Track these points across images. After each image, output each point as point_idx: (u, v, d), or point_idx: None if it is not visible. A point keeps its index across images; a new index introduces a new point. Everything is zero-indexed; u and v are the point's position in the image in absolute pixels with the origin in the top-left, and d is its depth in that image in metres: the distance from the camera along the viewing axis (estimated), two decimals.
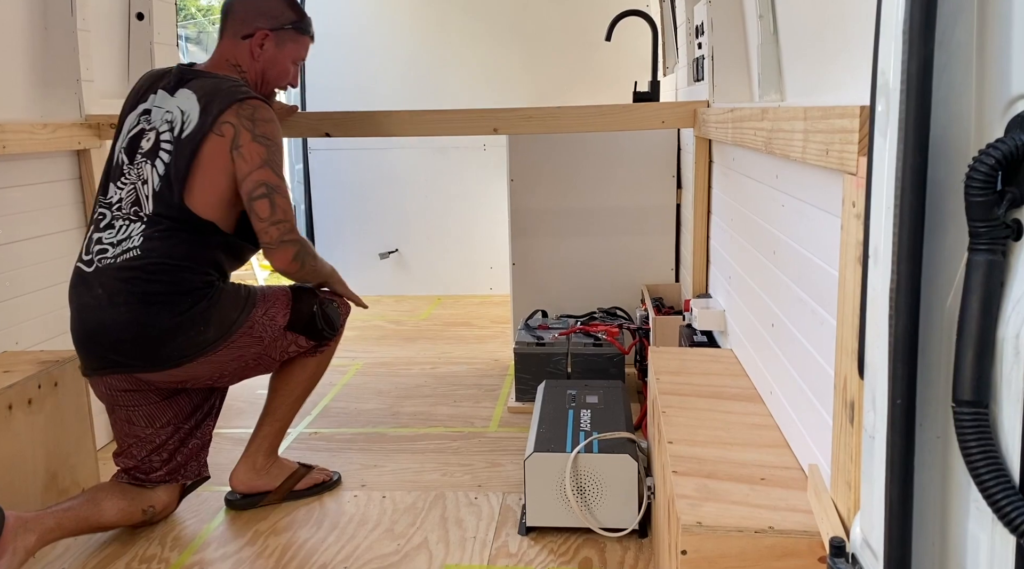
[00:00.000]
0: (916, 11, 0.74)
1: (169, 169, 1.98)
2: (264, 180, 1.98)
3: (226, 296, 2.04)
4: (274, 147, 2.03)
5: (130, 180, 2.02)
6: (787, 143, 1.39)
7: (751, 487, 1.40)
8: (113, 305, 1.92)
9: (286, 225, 2.01)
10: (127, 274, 1.93)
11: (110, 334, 1.93)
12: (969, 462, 0.73)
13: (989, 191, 0.72)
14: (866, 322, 0.89)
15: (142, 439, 2.07)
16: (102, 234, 2.00)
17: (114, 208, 2.02)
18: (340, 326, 2.29)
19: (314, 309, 2.18)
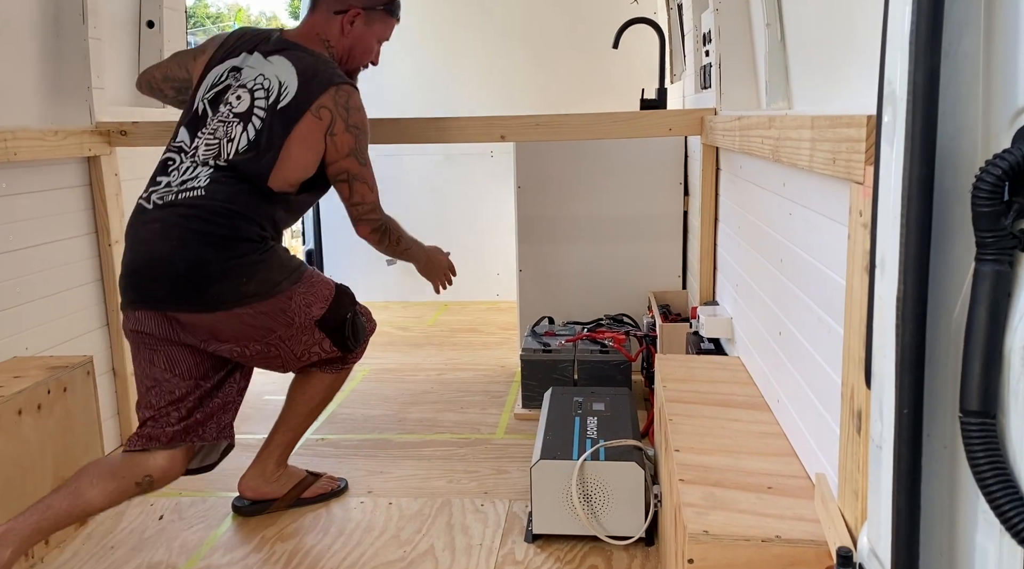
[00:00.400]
0: (922, 22, 0.74)
1: (260, 137, 2.03)
2: (347, 168, 2.12)
3: (276, 258, 2.05)
4: (363, 136, 2.14)
5: (214, 134, 2.06)
6: (794, 151, 1.39)
7: (758, 496, 1.40)
8: (167, 239, 1.95)
9: (364, 207, 2.17)
10: (186, 211, 1.97)
11: (156, 267, 1.95)
12: (976, 473, 0.73)
13: (996, 202, 0.72)
14: (873, 331, 0.89)
15: (160, 384, 2.01)
16: (170, 178, 2.04)
17: (189, 155, 2.07)
18: (364, 342, 2.30)
19: (348, 316, 2.19)
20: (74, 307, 2.54)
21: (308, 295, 2.11)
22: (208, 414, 2.07)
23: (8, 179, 2.27)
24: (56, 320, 2.46)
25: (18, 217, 2.31)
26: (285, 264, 2.08)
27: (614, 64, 4.47)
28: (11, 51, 2.37)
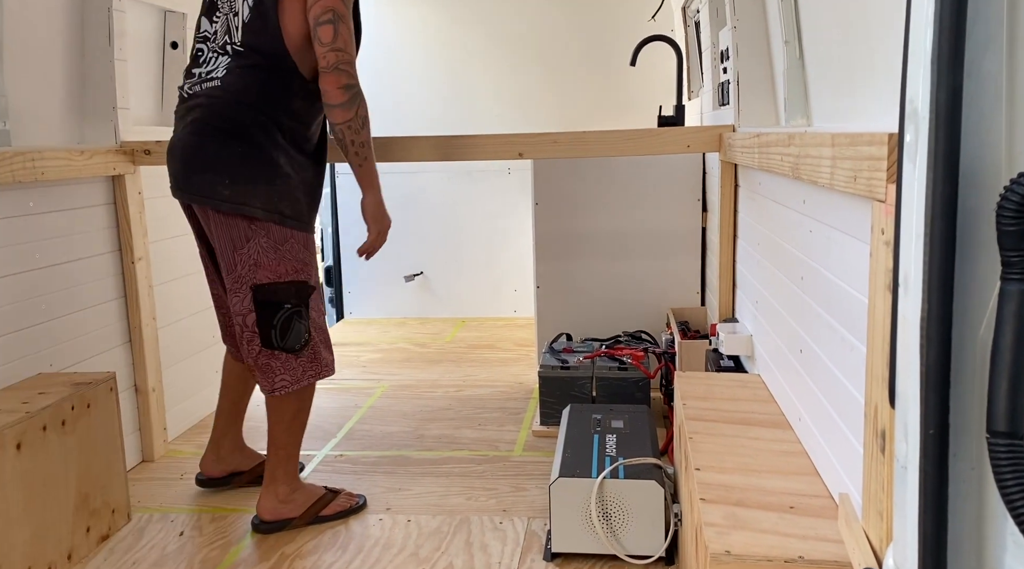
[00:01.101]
0: (944, 40, 0.74)
1: (260, 2, 2.04)
2: (332, 7, 1.99)
3: (275, 177, 2.06)
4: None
5: (223, 11, 2.12)
6: (815, 169, 1.39)
7: (780, 515, 1.39)
8: (184, 127, 2.10)
9: (344, 55, 2.01)
10: (203, 101, 2.08)
11: (171, 152, 2.14)
12: (1005, 494, 0.72)
13: (1021, 221, 0.71)
14: (897, 351, 0.88)
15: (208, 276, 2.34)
16: (200, 69, 2.14)
17: (209, 42, 2.14)
18: (295, 353, 2.16)
19: (287, 306, 2.11)
20: (97, 324, 2.57)
21: (268, 252, 2.07)
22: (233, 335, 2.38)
23: (36, 198, 2.31)
24: (80, 337, 2.49)
25: (45, 236, 2.34)
26: (281, 195, 2.07)
27: (631, 81, 4.49)
28: (39, 72, 2.41)
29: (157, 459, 2.78)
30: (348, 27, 2.02)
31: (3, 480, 1.85)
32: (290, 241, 2.11)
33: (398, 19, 4.76)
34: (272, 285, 2.09)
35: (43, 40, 2.43)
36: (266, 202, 2.06)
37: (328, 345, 2.26)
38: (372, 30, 4.76)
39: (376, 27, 4.75)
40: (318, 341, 2.20)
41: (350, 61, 2.03)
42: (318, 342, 2.20)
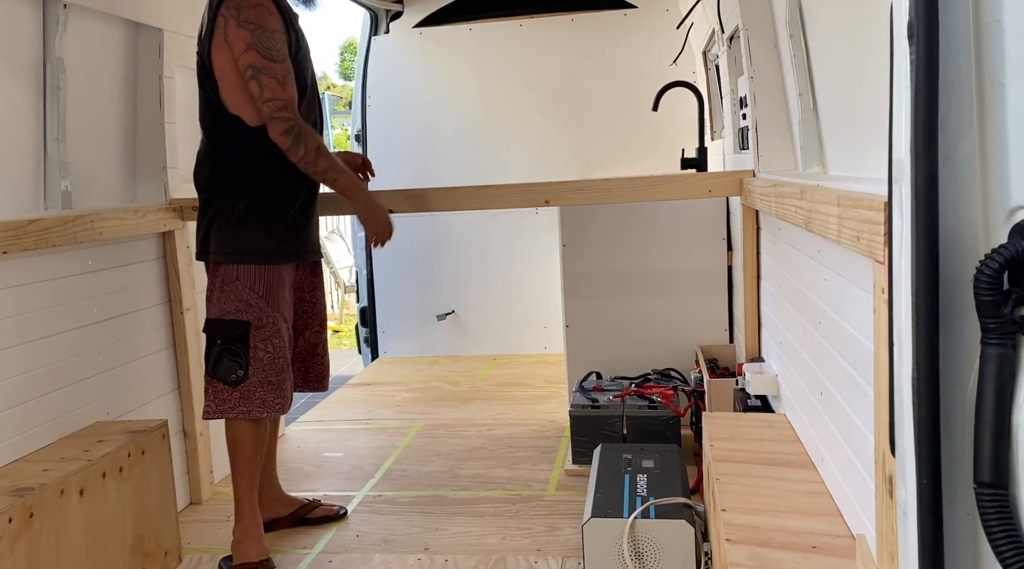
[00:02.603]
0: (920, 131, 0.83)
1: (199, 72, 2.28)
2: (250, 63, 2.16)
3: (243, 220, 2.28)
4: (260, 31, 2.15)
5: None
6: (824, 225, 1.47)
7: (803, 556, 1.45)
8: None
9: (275, 103, 2.16)
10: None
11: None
12: (992, 541, 0.79)
13: (996, 291, 0.80)
14: (894, 403, 0.96)
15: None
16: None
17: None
18: (226, 381, 2.27)
19: (217, 342, 2.27)
20: (148, 373, 2.71)
21: (216, 291, 2.30)
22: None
23: (94, 256, 2.47)
24: (133, 385, 2.62)
25: (102, 291, 2.50)
26: (237, 235, 2.28)
27: (654, 123, 4.60)
28: (97, 137, 2.59)
29: (204, 501, 2.89)
30: (271, 74, 2.16)
31: (68, 525, 1.97)
32: (236, 282, 2.28)
33: (425, 68, 4.94)
34: (213, 321, 2.31)
35: (101, 107, 2.60)
36: (222, 245, 2.30)
37: (273, 386, 2.28)
38: (399, 78, 4.95)
39: (404, 77, 4.93)
40: (257, 380, 2.27)
41: (283, 106, 2.17)
42: (256, 381, 2.27)
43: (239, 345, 2.26)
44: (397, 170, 4.79)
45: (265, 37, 2.17)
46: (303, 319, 2.54)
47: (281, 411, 2.34)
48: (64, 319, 2.33)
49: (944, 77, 0.84)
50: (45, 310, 2.26)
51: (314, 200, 2.45)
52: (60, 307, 2.32)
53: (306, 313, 2.54)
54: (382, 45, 4.96)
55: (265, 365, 2.28)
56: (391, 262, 4.96)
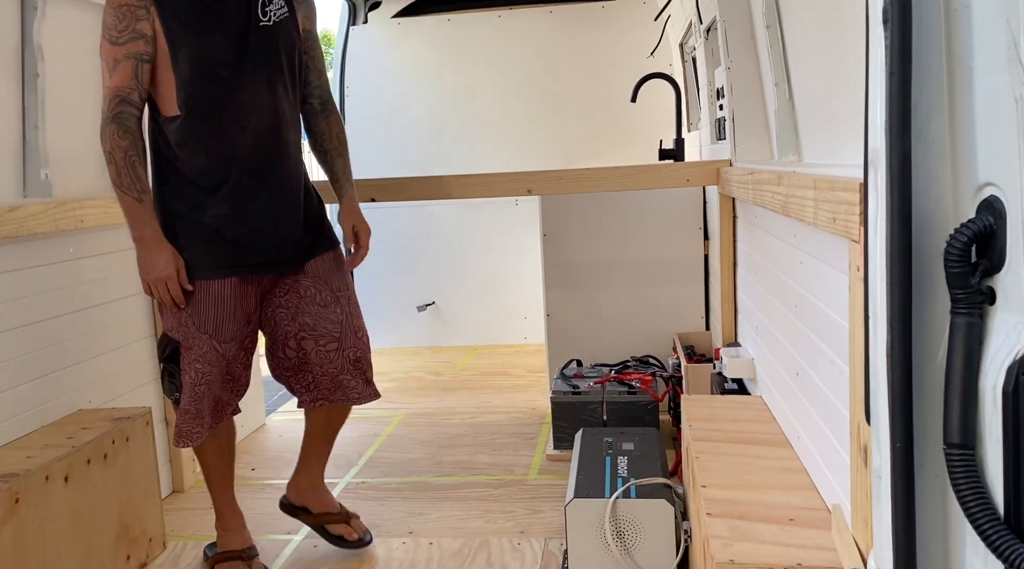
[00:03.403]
0: (895, 112, 0.88)
1: None
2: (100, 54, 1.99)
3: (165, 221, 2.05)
4: (107, 8, 1.96)
5: None
6: (800, 208, 1.52)
7: (780, 527, 1.50)
8: None
9: (104, 92, 1.99)
10: None
11: None
12: (960, 498, 0.84)
13: (965, 263, 0.84)
14: (869, 374, 1.01)
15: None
16: None
17: None
18: (173, 401, 2.16)
19: (160, 361, 2.15)
20: (130, 361, 2.70)
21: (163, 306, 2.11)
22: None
23: (76, 244, 2.46)
24: (115, 374, 2.62)
25: (84, 279, 2.49)
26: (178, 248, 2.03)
27: (632, 114, 4.65)
28: (74, 125, 2.58)
29: (187, 489, 2.90)
30: (103, 59, 1.97)
31: (53, 511, 1.97)
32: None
33: (400, 57, 4.95)
34: (161, 336, 2.15)
35: (80, 95, 2.59)
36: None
37: (191, 415, 2.09)
38: (378, 68, 4.95)
39: (379, 64, 4.94)
40: (182, 407, 2.11)
41: (105, 97, 1.99)
42: (182, 408, 2.11)
43: (174, 365, 2.10)
44: (375, 160, 4.79)
45: (108, 14, 1.95)
46: (283, 329, 2.20)
47: (190, 442, 2.11)
48: (45, 307, 2.33)
49: (916, 61, 0.88)
50: (26, 298, 2.26)
51: (257, 202, 2.05)
52: (41, 295, 2.31)
53: (291, 322, 2.19)
54: (360, 35, 4.96)
55: (187, 391, 2.08)
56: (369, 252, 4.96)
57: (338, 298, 2.24)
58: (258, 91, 2.04)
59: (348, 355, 2.24)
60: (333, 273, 2.25)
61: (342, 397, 2.28)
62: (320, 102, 2.29)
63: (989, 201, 0.85)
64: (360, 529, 2.42)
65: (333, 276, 2.25)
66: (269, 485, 2.95)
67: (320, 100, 2.29)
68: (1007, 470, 0.82)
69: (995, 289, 0.85)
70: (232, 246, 2.07)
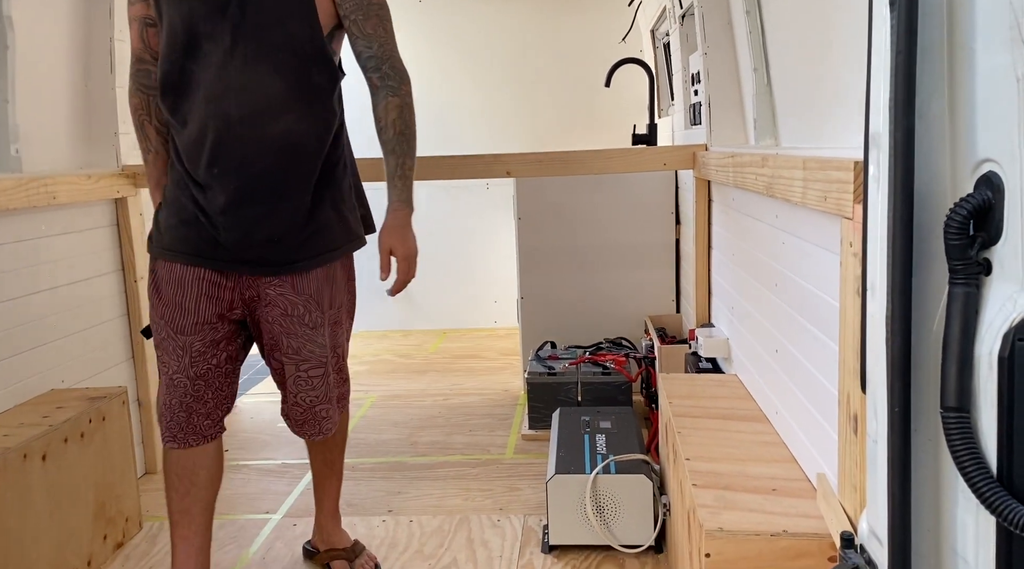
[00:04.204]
0: (899, 90, 0.92)
1: None
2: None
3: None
4: None
5: None
6: (787, 188, 1.56)
7: (764, 497, 1.55)
8: None
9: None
10: None
11: None
12: (956, 457, 0.89)
13: (963, 236, 0.89)
14: (866, 345, 1.05)
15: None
16: None
17: None
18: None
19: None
20: (103, 341, 2.66)
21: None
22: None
23: (47, 221, 2.41)
24: (88, 354, 2.58)
25: (55, 257, 2.44)
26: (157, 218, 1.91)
27: (604, 99, 4.69)
28: (46, 101, 2.51)
29: (159, 470, 2.87)
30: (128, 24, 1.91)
31: (31, 489, 1.94)
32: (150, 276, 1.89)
33: None
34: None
35: (49, 70, 2.52)
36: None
37: (170, 410, 1.87)
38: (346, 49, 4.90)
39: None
40: (160, 400, 1.90)
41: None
42: (160, 401, 1.90)
43: (158, 351, 1.90)
44: None
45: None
46: (264, 342, 1.94)
47: (175, 444, 1.87)
48: (16, 285, 2.28)
49: (919, 42, 0.92)
50: None
51: (226, 195, 1.78)
52: (12, 273, 2.26)
53: (268, 337, 1.92)
54: None
55: (164, 383, 1.88)
56: None
57: (326, 321, 1.91)
58: (244, 70, 1.73)
59: (333, 384, 1.96)
60: (324, 292, 1.89)
61: (313, 431, 1.97)
62: (378, 76, 1.87)
63: (988, 176, 0.89)
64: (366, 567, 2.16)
65: (324, 296, 1.89)
66: (244, 466, 2.93)
67: (378, 74, 1.87)
68: (1001, 432, 0.87)
69: (991, 261, 0.89)
70: (203, 233, 1.82)
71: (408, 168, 1.90)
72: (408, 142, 1.89)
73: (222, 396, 1.92)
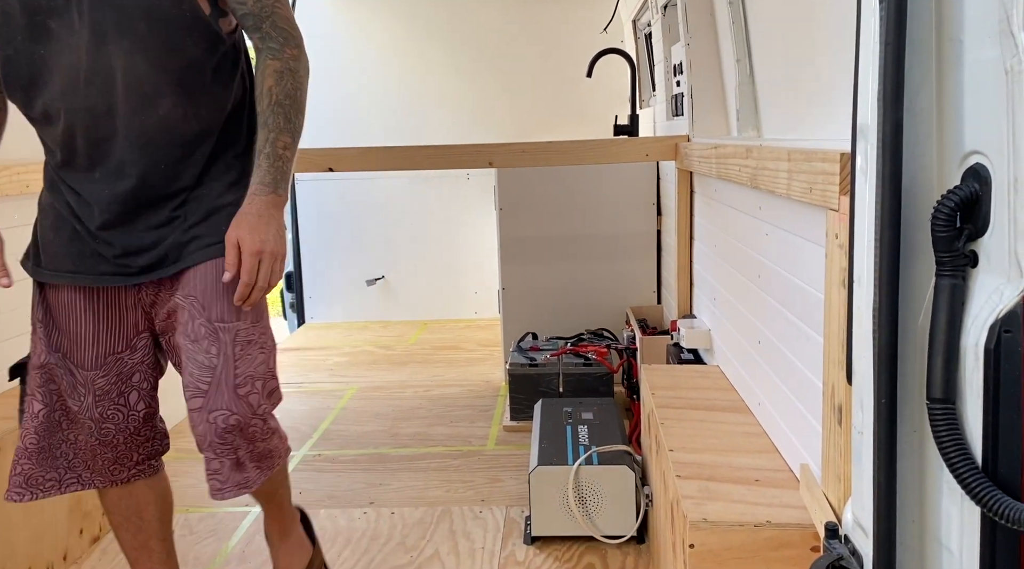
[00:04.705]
0: (888, 82, 0.92)
1: None
2: None
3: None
4: None
5: None
6: (772, 180, 1.57)
7: (748, 488, 1.56)
8: None
9: None
10: None
11: None
12: (941, 448, 0.89)
13: (950, 228, 0.89)
14: (852, 336, 1.06)
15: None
16: None
17: None
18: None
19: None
20: None
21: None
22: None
23: (21, 210, 2.35)
24: None
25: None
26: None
27: (585, 90, 4.67)
28: None
29: None
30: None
31: (5, 484, 1.91)
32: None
33: (352, 27, 4.85)
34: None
35: None
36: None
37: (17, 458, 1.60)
38: (328, 42, 4.84)
39: (330, 34, 4.83)
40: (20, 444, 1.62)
41: None
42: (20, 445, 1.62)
43: (23, 385, 1.63)
44: (324, 131, 4.71)
45: None
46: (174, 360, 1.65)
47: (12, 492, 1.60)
48: None
49: (908, 34, 0.92)
50: None
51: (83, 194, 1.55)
52: None
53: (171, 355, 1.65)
54: (309, 4, 4.83)
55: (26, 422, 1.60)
56: (318, 225, 4.90)
57: (216, 332, 1.50)
58: (100, 49, 1.45)
59: (216, 421, 1.49)
60: (215, 293, 1.52)
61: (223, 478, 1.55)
62: (259, 36, 1.54)
63: (975, 169, 0.89)
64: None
65: (214, 298, 1.52)
66: None
67: (259, 34, 1.54)
68: (986, 423, 0.87)
69: (978, 253, 0.90)
70: (86, 246, 1.55)
71: (282, 146, 1.51)
72: (285, 115, 1.52)
73: (139, 441, 1.65)
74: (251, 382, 1.51)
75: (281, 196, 1.51)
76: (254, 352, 1.53)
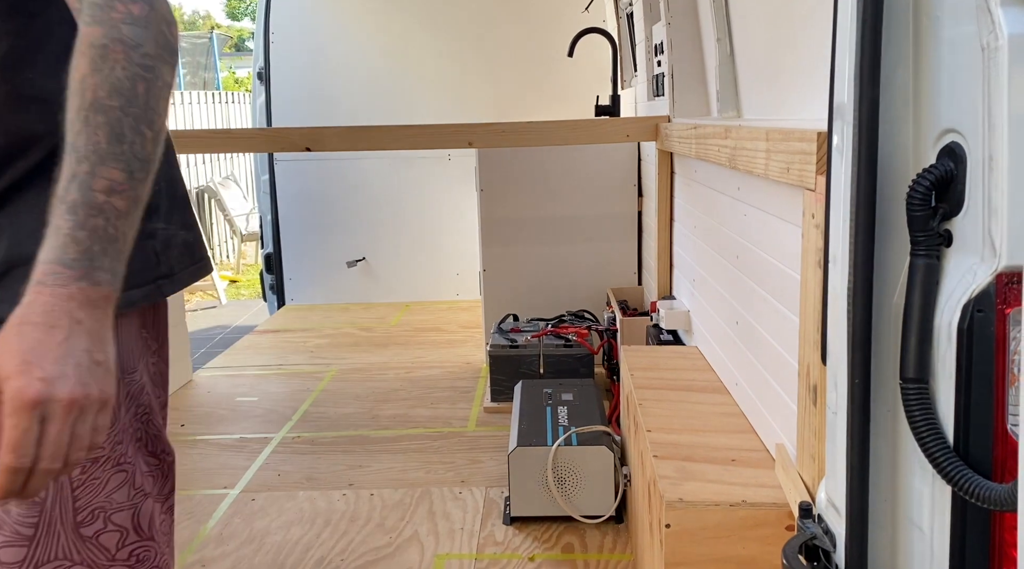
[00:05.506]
0: (865, 60, 0.91)
1: None
2: None
3: None
4: None
5: None
6: (750, 160, 1.56)
7: (724, 468, 1.56)
8: None
9: None
10: None
11: None
12: (913, 427, 0.89)
13: (925, 207, 0.88)
14: (827, 317, 1.05)
15: None
16: None
17: None
18: None
19: None
20: None
21: None
22: None
23: None
24: None
25: None
26: None
27: (566, 70, 4.64)
28: None
29: None
30: None
31: None
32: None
33: (332, 5, 4.78)
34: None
35: None
36: None
37: None
38: (306, 19, 4.77)
39: (309, 12, 4.76)
40: None
41: None
42: None
43: None
44: (302, 110, 4.65)
45: None
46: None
47: None
48: None
49: (885, 10, 0.91)
50: None
51: None
52: None
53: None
54: None
55: None
56: (298, 207, 4.85)
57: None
58: None
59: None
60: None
61: None
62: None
63: (951, 147, 0.89)
64: None
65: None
66: (201, 440, 2.88)
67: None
68: (958, 403, 0.87)
69: (952, 232, 0.89)
70: None
71: (102, 188, 0.76)
72: (111, 127, 0.77)
73: None
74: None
75: (100, 286, 0.76)
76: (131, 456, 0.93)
